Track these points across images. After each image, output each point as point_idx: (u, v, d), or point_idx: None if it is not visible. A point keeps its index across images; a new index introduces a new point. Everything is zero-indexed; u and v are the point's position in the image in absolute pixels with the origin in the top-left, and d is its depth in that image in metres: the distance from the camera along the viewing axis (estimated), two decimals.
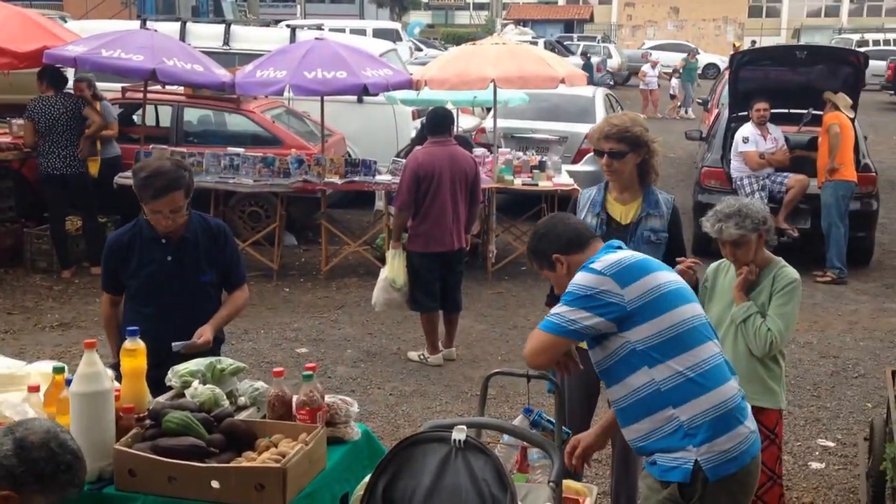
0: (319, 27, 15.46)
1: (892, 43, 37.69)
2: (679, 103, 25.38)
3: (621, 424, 3.13)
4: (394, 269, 6.98)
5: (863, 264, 10.04)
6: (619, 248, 3.16)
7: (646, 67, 25.31)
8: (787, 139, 10.35)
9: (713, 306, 4.17)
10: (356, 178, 9.36)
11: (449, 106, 9.94)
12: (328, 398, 3.40)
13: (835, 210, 9.42)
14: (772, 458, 4.11)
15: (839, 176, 9.41)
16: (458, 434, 2.91)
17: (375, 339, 7.64)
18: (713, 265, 4.29)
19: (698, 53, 27.43)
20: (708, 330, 3.11)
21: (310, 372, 3.31)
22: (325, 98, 9.29)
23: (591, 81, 16.38)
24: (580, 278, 3.02)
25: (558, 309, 3.03)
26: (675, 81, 25.58)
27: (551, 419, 3.46)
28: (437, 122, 7.17)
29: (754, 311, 3.99)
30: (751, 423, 3.07)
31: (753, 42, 35.97)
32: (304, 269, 9.76)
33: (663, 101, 26.13)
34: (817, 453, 5.60)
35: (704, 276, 4.30)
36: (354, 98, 11.06)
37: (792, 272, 4.04)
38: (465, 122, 13.20)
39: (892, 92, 28.26)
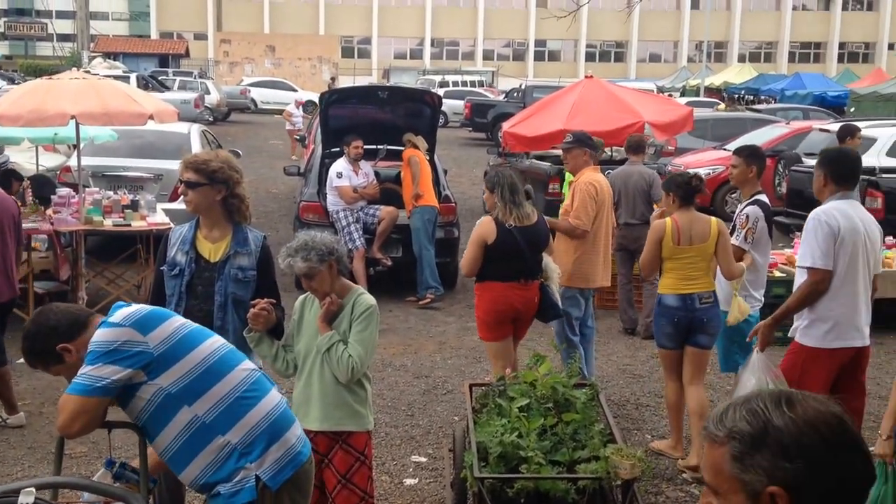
0: None
1: (468, 84, 41.42)
2: None
3: (177, 472, 3.13)
4: None
5: (449, 287, 10.84)
6: (129, 305, 3.17)
7: (290, 107, 25.05)
8: (377, 174, 10.93)
9: (301, 338, 4.26)
10: None
11: (26, 143, 9.24)
12: None
13: (423, 234, 10.11)
14: (363, 478, 4.26)
15: (423, 202, 10.13)
16: (26, 498, 2.68)
17: None
18: (300, 298, 4.38)
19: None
20: (236, 354, 3.26)
21: None
22: None
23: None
24: (99, 335, 2.99)
25: (83, 370, 2.96)
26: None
27: (137, 469, 3.30)
28: None
29: (336, 340, 4.12)
30: (297, 428, 3.27)
31: (333, 80, 37.45)
32: None
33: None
34: (411, 469, 5.91)
35: (293, 310, 4.37)
36: None
37: (368, 299, 4.22)
38: (48, 161, 12.34)
39: (470, 128, 30.97)
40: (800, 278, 5.01)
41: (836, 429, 1.56)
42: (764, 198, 6.06)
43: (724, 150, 16.77)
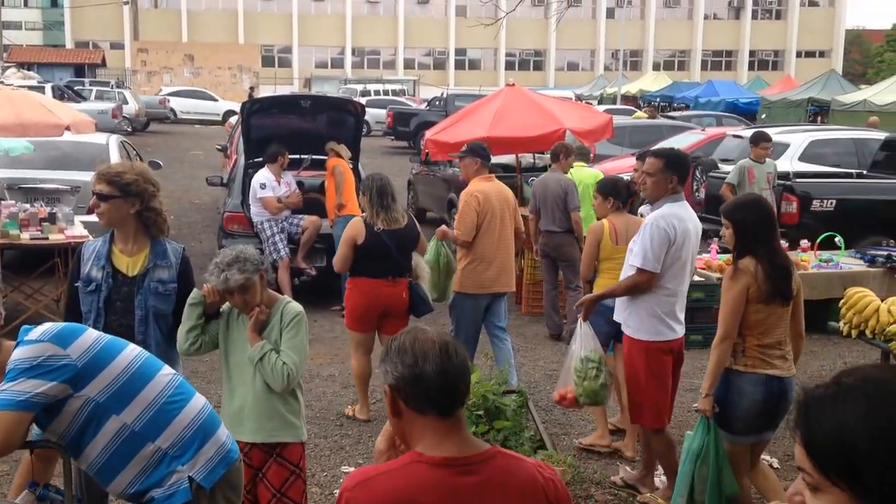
0: None
1: (390, 93, 41.47)
2: None
3: (105, 483, 3.11)
4: None
5: None
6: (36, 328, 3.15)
7: (234, 119, 24.56)
8: (300, 183, 10.87)
9: (232, 352, 4.22)
10: None
11: None
12: None
13: None
14: (298, 491, 4.26)
15: (347, 211, 10.08)
16: None
17: None
18: (223, 313, 4.32)
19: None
20: (156, 361, 3.28)
21: None
22: None
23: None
24: (19, 354, 2.96)
25: (3, 387, 2.92)
26: None
27: (61, 489, 3.24)
28: None
29: (269, 349, 4.09)
30: (225, 428, 3.33)
31: (253, 89, 37.07)
32: None
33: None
34: (342, 480, 5.89)
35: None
36: None
37: (296, 307, 4.21)
38: None
39: (393, 137, 31.00)
40: (629, 272, 5.30)
41: (427, 350, 2.18)
42: None
43: None
